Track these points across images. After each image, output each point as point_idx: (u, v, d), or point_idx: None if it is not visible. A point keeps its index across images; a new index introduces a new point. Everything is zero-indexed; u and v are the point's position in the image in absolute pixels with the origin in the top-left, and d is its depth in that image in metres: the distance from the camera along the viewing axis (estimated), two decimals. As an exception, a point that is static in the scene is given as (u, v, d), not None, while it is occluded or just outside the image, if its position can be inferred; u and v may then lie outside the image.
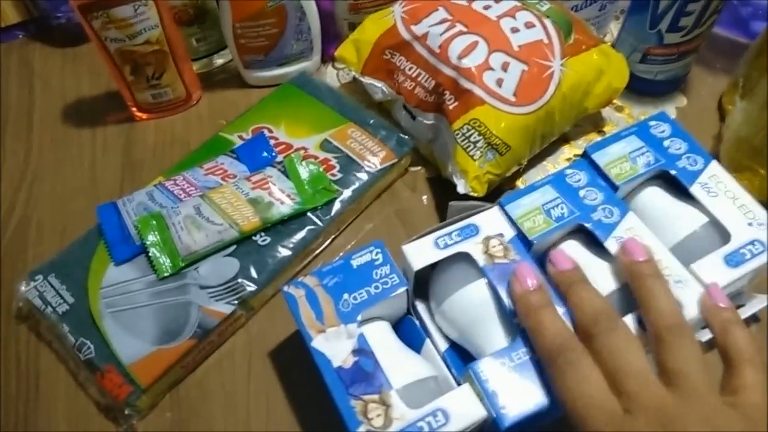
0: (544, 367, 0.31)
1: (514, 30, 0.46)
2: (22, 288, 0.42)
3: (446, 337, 0.38)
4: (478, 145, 0.43)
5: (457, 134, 0.44)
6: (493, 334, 0.34)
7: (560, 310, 0.33)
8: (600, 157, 0.40)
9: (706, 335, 0.33)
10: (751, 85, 0.48)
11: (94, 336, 0.39)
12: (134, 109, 0.55)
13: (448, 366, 0.36)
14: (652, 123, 0.41)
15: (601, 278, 0.35)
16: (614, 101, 0.51)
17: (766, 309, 0.39)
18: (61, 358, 0.42)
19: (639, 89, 0.53)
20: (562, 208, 0.37)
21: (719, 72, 0.56)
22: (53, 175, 0.52)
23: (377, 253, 0.37)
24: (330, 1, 0.54)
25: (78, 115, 0.57)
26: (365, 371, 0.33)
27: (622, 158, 0.40)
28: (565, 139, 0.52)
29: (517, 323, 0.33)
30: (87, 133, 0.55)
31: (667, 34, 0.49)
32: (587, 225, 0.37)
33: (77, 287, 0.41)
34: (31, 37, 0.64)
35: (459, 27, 0.46)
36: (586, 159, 0.40)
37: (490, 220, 0.37)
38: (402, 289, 0.36)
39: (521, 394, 0.31)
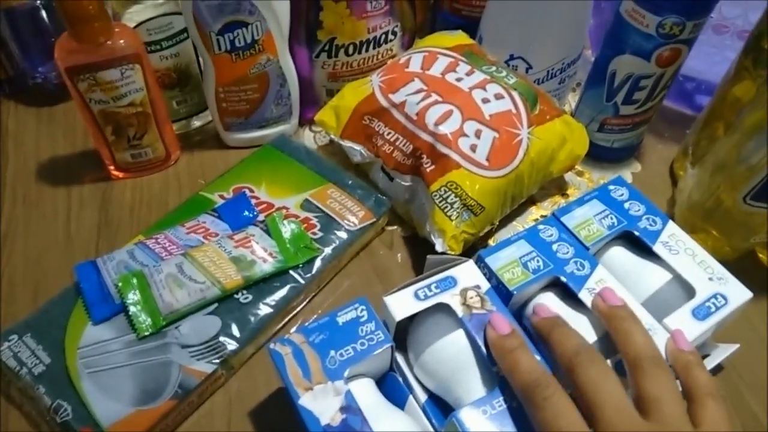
0: (523, 405, 0.33)
1: (485, 101, 0.49)
2: (-5, 349, 0.40)
3: (425, 389, 0.38)
4: (455, 206, 0.46)
5: (435, 195, 0.46)
6: (472, 384, 0.35)
7: (536, 358, 0.34)
8: (568, 221, 0.42)
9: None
10: (700, 153, 0.52)
11: (72, 397, 0.38)
12: (112, 168, 0.55)
13: (428, 417, 0.37)
14: (611, 187, 0.45)
15: (578, 329, 0.37)
16: (576, 166, 0.55)
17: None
18: (33, 421, 0.40)
19: (597, 156, 0.57)
20: (537, 261, 0.40)
21: (669, 140, 0.61)
22: (26, 233, 0.52)
23: (362, 310, 0.38)
24: (310, 69, 0.56)
25: (52, 173, 0.56)
26: (353, 429, 0.33)
27: (588, 221, 0.42)
28: (532, 201, 0.55)
29: (495, 371, 0.35)
30: (62, 192, 0.55)
31: (623, 106, 0.53)
32: (562, 277, 0.39)
33: (54, 347, 0.40)
34: (6, 95, 0.64)
35: (434, 97, 0.49)
36: (555, 219, 0.43)
37: (467, 273, 0.39)
38: (387, 346, 0.36)
39: None
